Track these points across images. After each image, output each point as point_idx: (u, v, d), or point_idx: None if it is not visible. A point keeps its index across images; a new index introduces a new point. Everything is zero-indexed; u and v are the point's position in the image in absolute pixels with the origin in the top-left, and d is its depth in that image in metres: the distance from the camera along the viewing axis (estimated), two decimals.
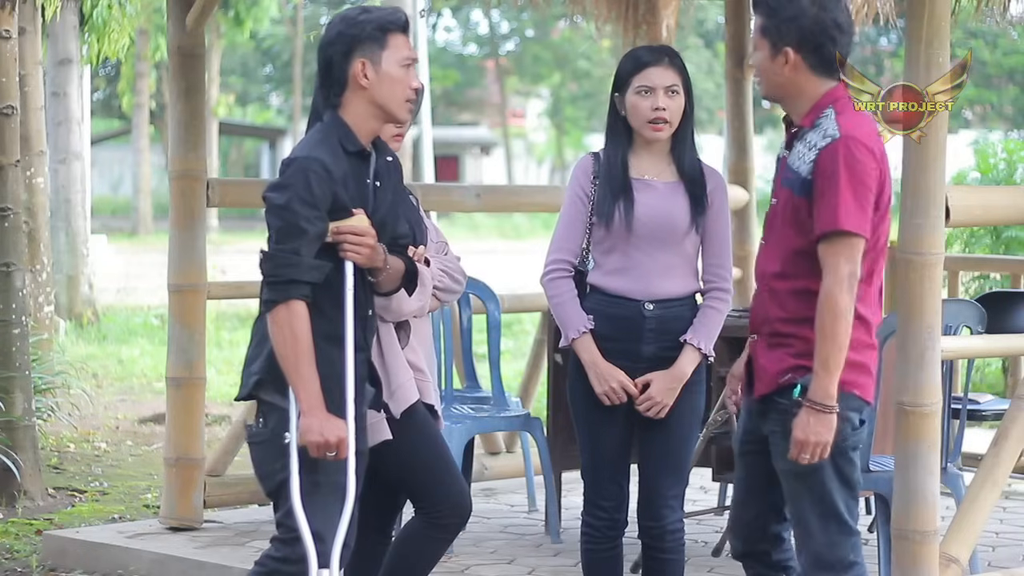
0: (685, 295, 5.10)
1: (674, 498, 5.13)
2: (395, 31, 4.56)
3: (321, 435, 4.36)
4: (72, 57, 15.60)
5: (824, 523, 4.54)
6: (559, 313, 5.13)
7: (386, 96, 4.55)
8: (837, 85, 4.59)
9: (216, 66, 33.48)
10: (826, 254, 4.44)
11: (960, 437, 6.16)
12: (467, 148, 50.91)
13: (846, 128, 4.47)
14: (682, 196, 5.08)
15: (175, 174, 7.13)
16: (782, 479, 4.59)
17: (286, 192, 4.42)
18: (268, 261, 4.42)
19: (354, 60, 4.53)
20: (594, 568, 5.20)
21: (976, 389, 9.71)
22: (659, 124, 5.06)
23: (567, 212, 5.17)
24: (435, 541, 4.94)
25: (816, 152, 4.47)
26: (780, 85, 4.58)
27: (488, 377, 7.30)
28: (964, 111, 39.64)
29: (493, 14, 46.28)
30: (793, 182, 4.53)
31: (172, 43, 7.16)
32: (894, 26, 7.13)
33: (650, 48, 5.22)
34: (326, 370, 4.43)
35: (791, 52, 4.53)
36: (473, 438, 7.18)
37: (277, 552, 4.53)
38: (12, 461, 7.95)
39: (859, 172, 4.44)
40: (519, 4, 8.38)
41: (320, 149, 4.48)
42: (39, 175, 12.49)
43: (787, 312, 4.54)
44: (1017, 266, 9.12)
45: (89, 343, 15.48)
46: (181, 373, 7.13)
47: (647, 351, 5.06)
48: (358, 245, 4.48)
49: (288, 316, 4.38)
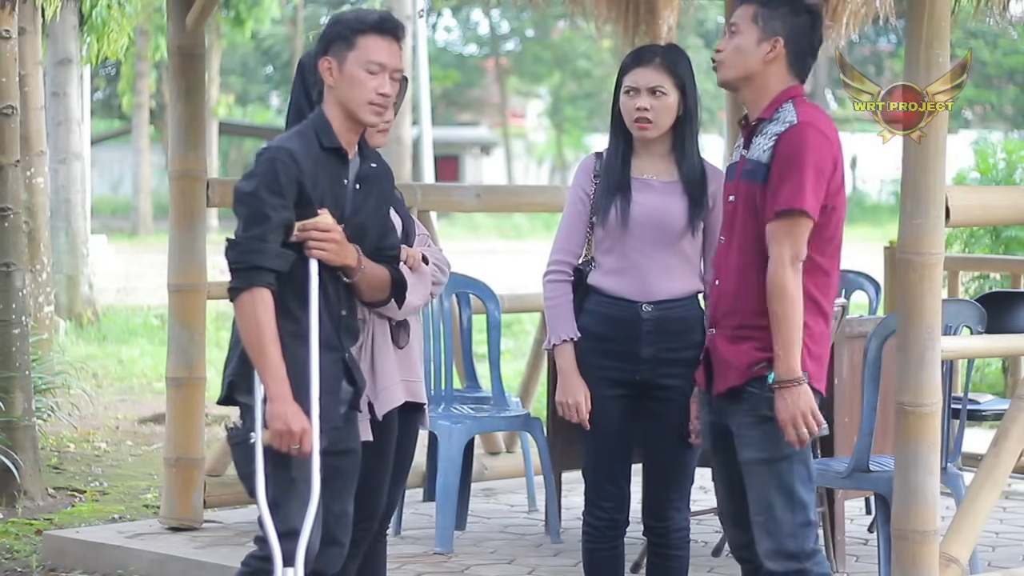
0: (684, 296, 5.09)
1: (679, 499, 5.14)
2: (368, 33, 4.54)
3: (286, 423, 4.35)
4: (72, 57, 15.59)
5: (790, 513, 4.64)
6: (550, 315, 5.16)
7: (347, 97, 4.55)
8: (799, 85, 4.74)
9: (216, 66, 33.46)
10: (773, 233, 4.59)
11: (960, 437, 6.16)
12: (467, 148, 50.89)
13: (803, 116, 4.63)
14: (680, 196, 5.07)
15: (175, 174, 7.13)
16: (748, 470, 4.68)
17: (253, 180, 4.44)
18: (233, 248, 4.43)
19: (323, 58, 4.57)
20: (595, 568, 5.20)
21: (976, 389, 9.71)
22: (642, 123, 5.06)
23: (568, 213, 5.18)
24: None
25: (774, 138, 4.61)
26: (752, 72, 4.70)
27: (488, 377, 7.30)
28: (964, 111, 39.66)
29: (493, 14, 46.29)
30: (754, 172, 4.65)
31: (172, 43, 7.17)
32: (894, 26, 7.13)
33: (647, 48, 5.21)
34: (293, 368, 4.42)
35: (780, 43, 4.67)
36: (473, 438, 7.18)
37: (260, 552, 4.54)
38: (12, 461, 7.95)
39: (816, 157, 4.59)
40: (519, 4, 8.37)
41: (293, 141, 4.51)
42: (39, 175, 12.49)
43: (757, 305, 4.64)
44: (1017, 266, 9.12)
45: (89, 343, 15.48)
46: (181, 373, 7.13)
47: (646, 352, 5.05)
48: (322, 241, 4.47)
49: (252, 303, 4.38)
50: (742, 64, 4.70)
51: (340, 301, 4.59)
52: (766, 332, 4.61)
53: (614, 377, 5.06)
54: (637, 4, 8.45)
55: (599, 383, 5.07)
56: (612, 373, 5.06)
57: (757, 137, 4.69)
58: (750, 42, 4.68)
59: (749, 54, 4.68)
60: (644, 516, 5.16)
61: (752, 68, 4.69)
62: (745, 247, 4.68)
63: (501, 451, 8.46)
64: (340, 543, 4.69)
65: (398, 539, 6.83)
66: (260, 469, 4.44)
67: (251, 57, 47.98)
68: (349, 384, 4.65)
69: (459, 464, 6.86)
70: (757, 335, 4.63)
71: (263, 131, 48.73)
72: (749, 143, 4.72)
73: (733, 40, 4.71)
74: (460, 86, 50.66)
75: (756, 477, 4.67)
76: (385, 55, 4.55)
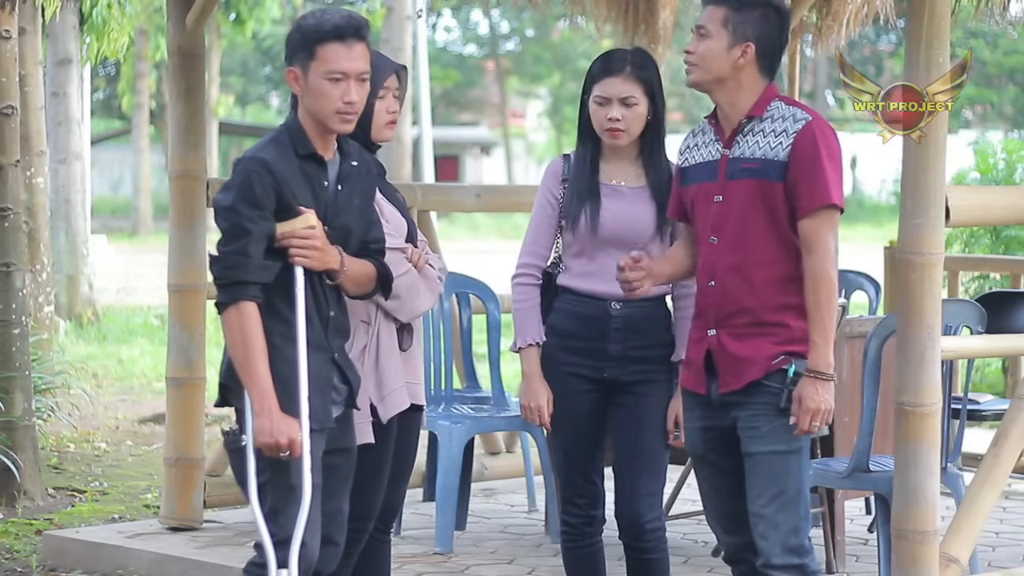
0: (652, 296, 5.08)
1: (651, 495, 5.11)
2: (326, 42, 4.47)
3: (272, 436, 4.36)
4: (72, 57, 15.59)
5: (795, 507, 4.66)
6: (517, 319, 5.19)
7: (314, 107, 4.53)
8: (772, 84, 4.76)
9: (216, 66, 33.45)
10: (814, 230, 4.60)
11: (960, 437, 6.16)
12: (467, 148, 50.87)
13: (811, 112, 4.68)
14: (648, 202, 5.10)
15: (175, 174, 7.13)
16: (757, 464, 4.67)
17: (231, 193, 4.44)
18: (216, 263, 4.44)
19: (288, 68, 4.54)
20: (575, 566, 5.21)
21: (976, 389, 9.70)
22: (615, 132, 5.08)
23: (536, 216, 5.20)
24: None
25: (792, 136, 4.61)
26: (723, 76, 4.70)
27: (488, 377, 7.30)
28: (964, 111, 39.64)
29: (493, 14, 46.26)
30: (763, 170, 4.63)
31: (172, 43, 7.16)
32: (894, 26, 7.13)
33: (615, 54, 5.17)
34: (283, 370, 4.43)
35: (752, 48, 4.67)
36: (473, 438, 7.18)
37: (259, 558, 4.53)
38: (12, 461, 7.94)
39: (834, 151, 4.64)
40: (519, 4, 8.37)
41: (267, 150, 4.49)
42: (39, 175, 12.49)
43: (768, 301, 4.63)
44: (1017, 266, 9.12)
45: (89, 343, 15.48)
46: (181, 373, 7.13)
47: (613, 350, 5.08)
48: (304, 248, 4.46)
49: (238, 318, 4.39)
50: (713, 68, 4.70)
51: (328, 302, 4.59)
52: (782, 327, 4.62)
53: (582, 374, 5.10)
54: (637, 4, 8.45)
55: (568, 379, 5.11)
56: (581, 370, 5.10)
57: (747, 136, 4.68)
58: (720, 47, 4.68)
59: (720, 59, 4.69)
60: (617, 516, 5.14)
61: (723, 73, 4.69)
62: (742, 245, 4.66)
63: (501, 451, 8.46)
64: (335, 543, 4.69)
65: (398, 539, 6.82)
66: (252, 475, 4.44)
67: (251, 57, 47.97)
68: (343, 383, 4.65)
69: (459, 464, 6.86)
70: (774, 330, 4.64)
71: (263, 131, 48.60)
72: (732, 141, 4.70)
73: (703, 43, 4.70)
74: (460, 86, 50.64)
75: (766, 468, 4.65)
76: (346, 62, 4.48)
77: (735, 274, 4.67)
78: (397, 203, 5.02)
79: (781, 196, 4.61)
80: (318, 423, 4.49)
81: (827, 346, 4.58)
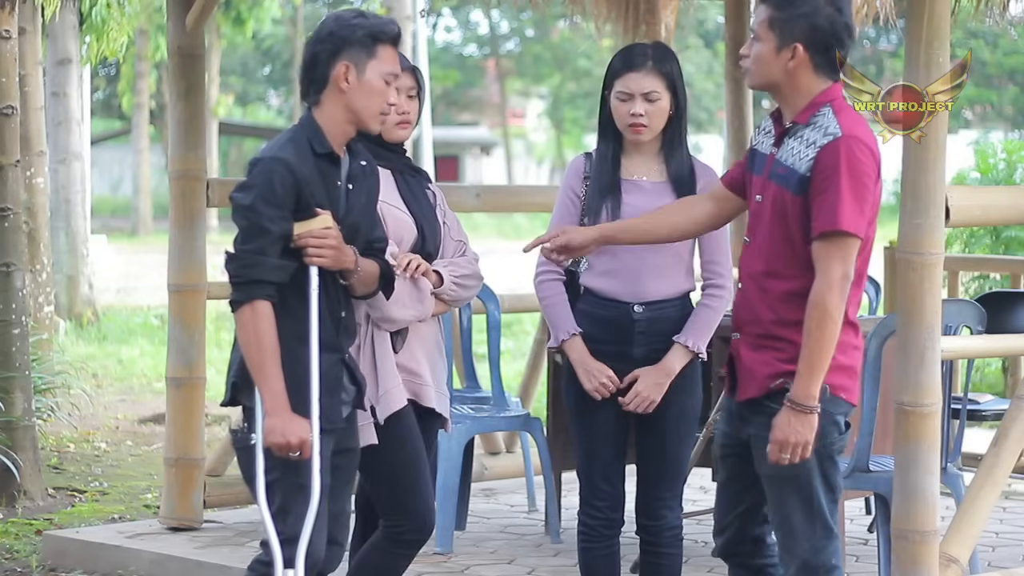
0: (676, 296, 5.09)
1: (672, 499, 5.14)
2: (386, 43, 4.55)
3: (283, 436, 4.36)
4: (72, 57, 15.59)
5: (811, 527, 4.50)
6: (549, 315, 5.16)
7: (362, 104, 4.54)
8: (834, 85, 4.54)
9: (216, 66, 33.45)
10: (821, 254, 4.38)
11: (960, 437, 6.16)
12: (467, 148, 50.89)
13: (847, 127, 4.41)
14: (670, 197, 5.07)
15: (175, 174, 7.13)
16: (767, 484, 4.54)
17: (251, 192, 4.42)
18: (233, 261, 4.43)
19: (339, 62, 4.52)
20: (591, 567, 5.21)
21: (976, 389, 9.71)
22: (638, 128, 5.06)
23: (558, 213, 5.18)
24: (395, 556, 4.96)
25: (816, 149, 4.40)
26: (777, 79, 4.50)
27: (488, 377, 7.30)
28: (964, 111, 39.65)
29: (493, 14, 46.30)
30: (787, 179, 4.45)
31: (172, 43, 7.16)
32: (894, 26, 7.12)
33: (636, 49, 5.17)
34: (296, 370, 4.43)
35: (800, 48, 4.46)
36: (473, 438, 7.18)
37: (265, 556, 4.54)
38: (12, 461, 7.95)
39: (859, 172, 4.38)
40: (519, 4, 8.37)
41: (286, 149, 4.49)
42: (39, 175, 12.49)
43: (778, 315, 4.48)
44: (1017, 266, 9.12)
45: (89, 343, 15.48)
46: (181, 373, 7.13)
47: (637, 353, 5.07)
48: (320, 248, 4.47)
49: (252, 317, 4.39)
50: (764, 72, 4.51)
51: (340, 302, 4.60)
52: (786, 344, 4.45)
53: None
54: (637, 4, 8.45)
55: None
56: None
57: (790, 139, 4.49)
58: (769, 50, 4.48)
59: (769, 63, 4.49)
60: (637, 515, 5.17)
61: (775, 76, 4.50)
62: (765, 252, 4.51)
63: (501, 451, 8.46)
64: (339, 543, 4.70)
65: None
66: (261, 473, 4.44)
67: (251, 57, 47.98)
68: (352, 383, 4.66)
69: (459, 464, 6.86)
70: (778, 345, 4.47)
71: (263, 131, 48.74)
72: (780, 142, 4.53)
73: (754, 47, 4.52)
74: (460, 86, 50.66)
75: (777, 491, 4.52)
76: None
77: (755, 281, 4.54)
78: (426, 205, 5.05)
79: (796, 210, 4.43)
80: (328, 423, 4.50)
81: (810, 377, 4.34)
